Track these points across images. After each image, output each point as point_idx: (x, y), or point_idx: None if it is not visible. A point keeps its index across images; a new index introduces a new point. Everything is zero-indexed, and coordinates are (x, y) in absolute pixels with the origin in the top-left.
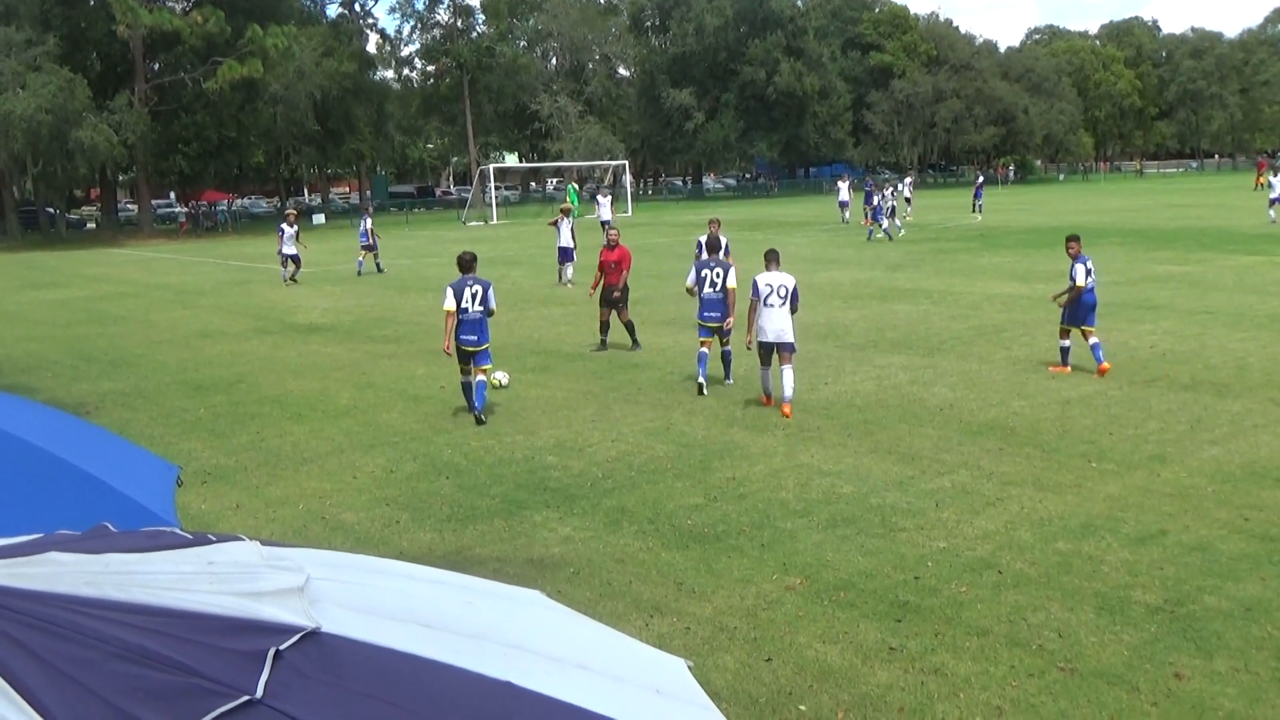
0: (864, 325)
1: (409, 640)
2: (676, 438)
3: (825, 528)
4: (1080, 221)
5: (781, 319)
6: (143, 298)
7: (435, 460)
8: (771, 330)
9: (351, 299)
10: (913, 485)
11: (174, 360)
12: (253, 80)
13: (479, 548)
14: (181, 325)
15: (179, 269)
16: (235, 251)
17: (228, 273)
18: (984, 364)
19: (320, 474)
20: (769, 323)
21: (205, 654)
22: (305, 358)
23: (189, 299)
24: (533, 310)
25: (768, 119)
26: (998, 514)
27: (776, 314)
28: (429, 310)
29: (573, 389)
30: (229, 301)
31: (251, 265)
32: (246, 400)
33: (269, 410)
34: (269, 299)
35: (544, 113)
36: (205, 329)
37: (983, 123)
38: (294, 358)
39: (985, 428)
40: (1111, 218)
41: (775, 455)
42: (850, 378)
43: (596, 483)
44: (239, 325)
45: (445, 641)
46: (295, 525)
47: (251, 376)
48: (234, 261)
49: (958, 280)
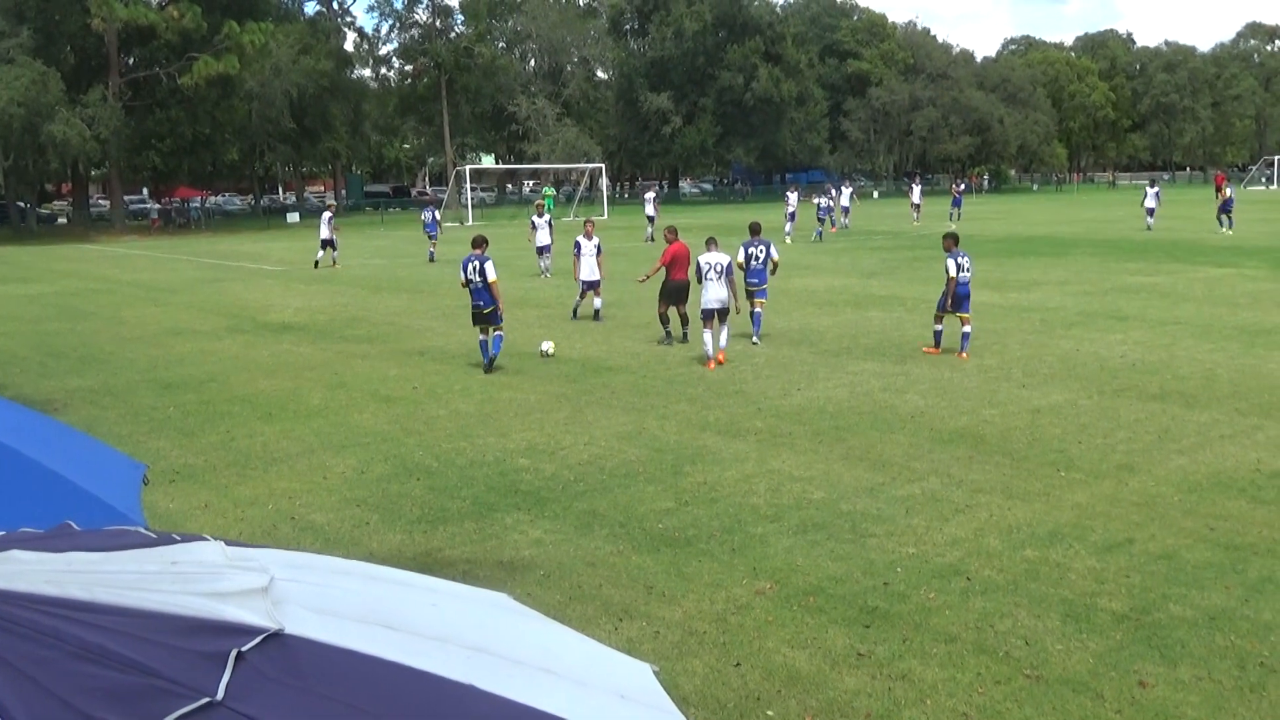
0: (837, 332)
1: (372, 642)
2: (649, 442)
3: (796, 533)
4: (1053, 231)
5: (719, 289)
6: (113, 294)
7: (406, 462)
8: (712, 299)
9: (325, 298)
10: (883, 492)
11: (144, 358)
12: (228, 77)
13: (449, 550)
14: (152, 322)
15: (151, 266)
16: (208, 249)
17: (200, 270)
18: (955, 372)
19: (290, 474)
20: (709, 292)
21: (166, 654)
22: (277, 357)
23: (160, 296)
24: (506, 312)
25: (745, 124)
26: (967, 521)
27: (715, 285)
28: (403, 310)
29: (546, 391)
30: (201, 299)
31: (224, 263)
32: (217, 399)
33: (239, 409)
34: (241, 297)
35: (521, 114)
36: (176, 327)
37: (958, 132)
38: (266, 357)
39: (956, 435)
40: (1084, 228)
41: (747, 460)
42: (823, 384)
43: (568, 486)
44: (210, 323)
45: (409, 644)
46: (264, 526)
47: (222, 375)
48: (207, 259)
49: (932, 288)
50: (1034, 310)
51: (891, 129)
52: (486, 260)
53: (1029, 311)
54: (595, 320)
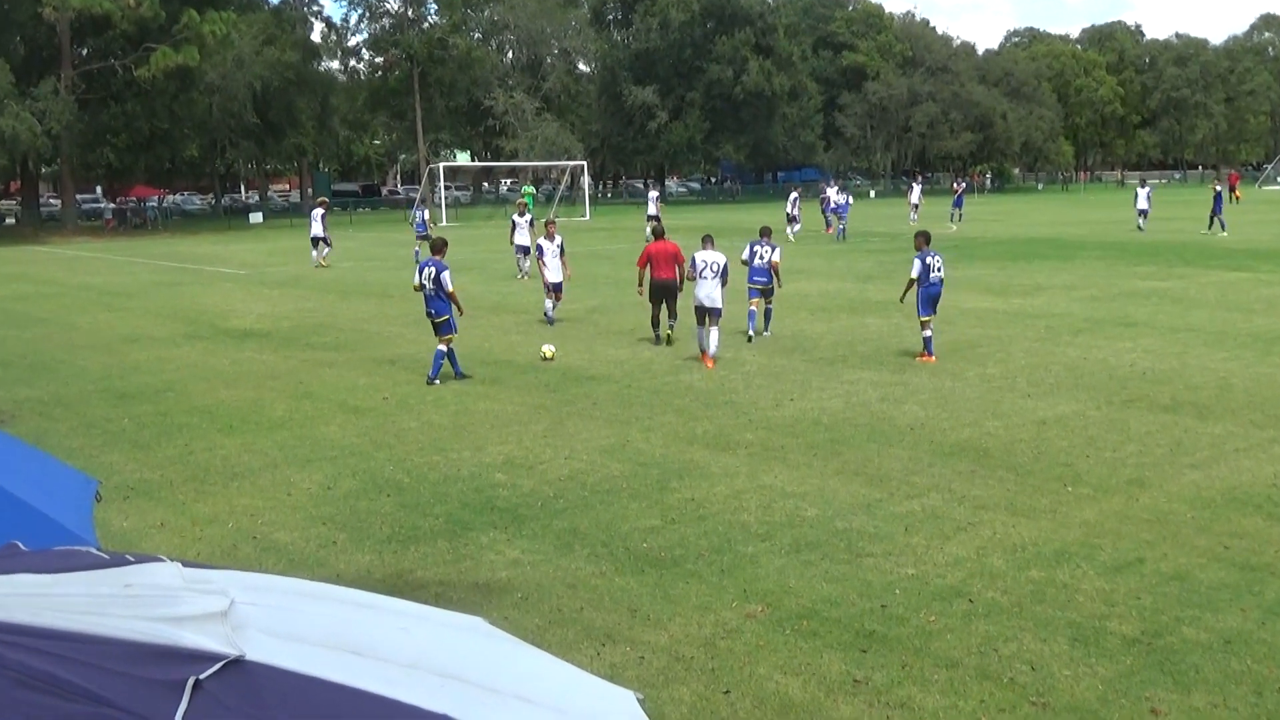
0: (832, 339)
1: (339, 669)
2: (633, 456)
3: (788, 552)
4: (1059, 233)
5: (713, 288)
6: (65, 299)
7: (376, 477)
8: (705, 298)
9: (290, 303)
10: (881, 508)
11: (97, 366)
12: (188, 69)
13: (421, 571)
14: (106, 329)
15: (104, 269)
16: (166, 251)
17: (157, 273)
18: (957, 381)
19: (252, 490)
20: (703, 291)
21: (120, 683)
22: (239, 365)
23: (115, 301)
24: (483, 318)
25: (735, 120)
26: (969, 540)
27: (709, 284)
28: (373, 316)
29: (524, 402)
30: (158, 304)
31: (183, 266)
32: (174, 410)
33: (198, 421)
34: (201, 302)
35: (498, 109)
36: (131, 333)
37: (959, 128)
38: (226, 365)
39: (957, 449)
40: (1091, 229)
41: (737, 475)
42: (817, 394)
43: (547, 502)
44: (168, 330)
45: (378, 671)
46: (224, 545)
47: (180, 385)
48: (164, 262)
49: None
50: (1039, 316)
51: (889, 125)
52: (445, 269)
53: (1034, 318)
54: (546, 323)
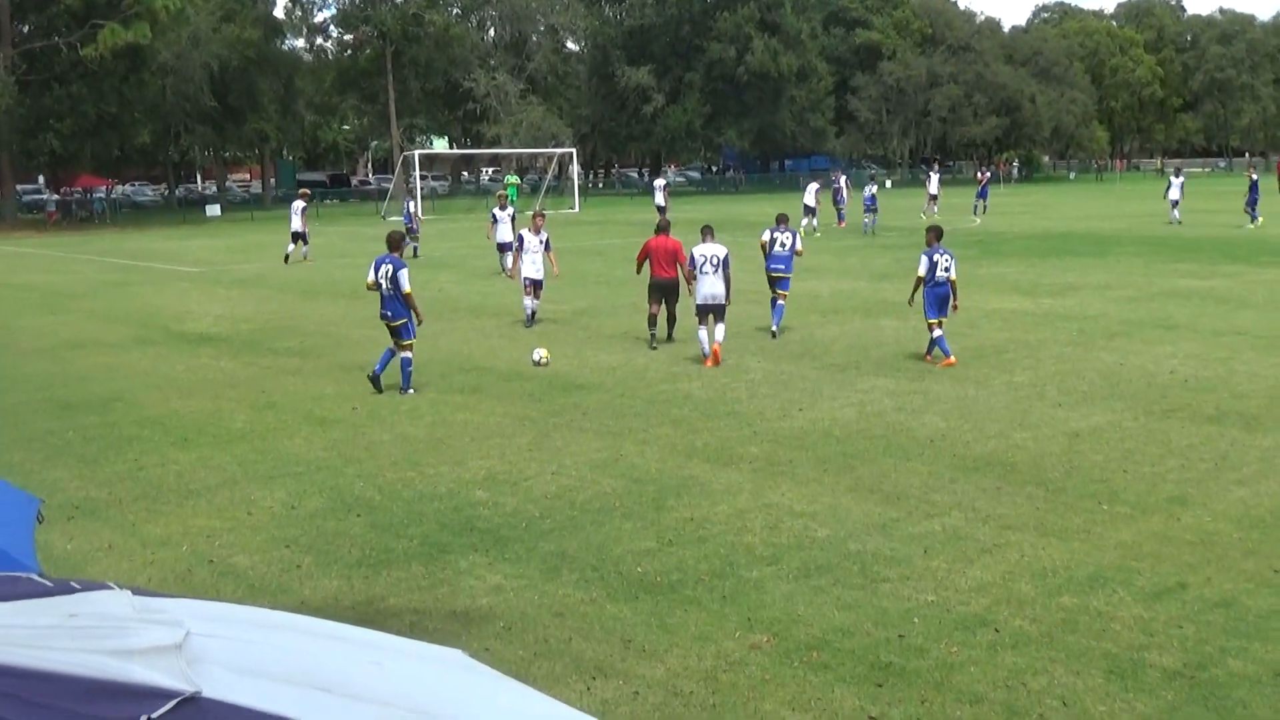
0: (845, 343)
1: (304, 707)
2: (626, 471)
3: (796, 577)
4: (1093, 227)
5: (714, 284)
6: (3, 300)
7: (345, 495)
8: (707, 294)
9: (250, 304)
10: (897, 529)
11: (39, 374)
12: (138, 47)
13: (394, 598)
14: (49, 333)
15: (47, 266)
16: (114, 247)
17: (105, 272)
18: (981, 389)
19: (209, 509)
20: (704, 287)
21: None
22: (194, 373)
23: (58, 302)
24: (462, 320)
25: (738, 103)
26: (994, 563)
27: (710, 280)
28: (341, 319)
29: (507, 413)
30: (105, 306)
31: (133, 263)
32: (124, 422)
33: (150, 434)
34: (153, 303)
35: (479, 92)
36: (77, 338)
37: (984, 112)
38: (181, 372)
39: (981, 463)
40: (1127, 223)
41: (740, 493)
42: (828, 404)
43: (533, 523)
44: (117, 334)
45: (347, 709)
46: (178, 570)
47: (130, 394)
48: (112, 259)
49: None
50: (1071, 318)
51: (906, 109)
52: (402, 267)
53: (1065, 320)
54: (528, 324)
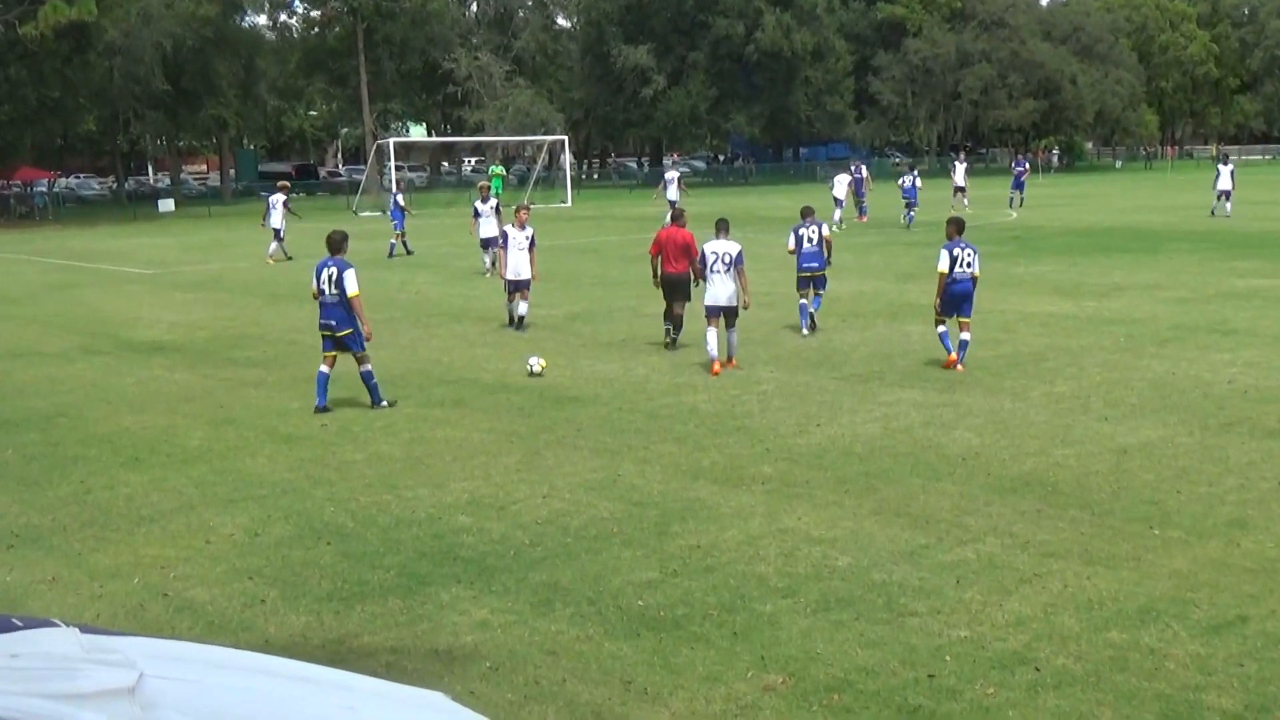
0: (866, 351)
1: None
2: (626, 493)
3: (815, 611)
4: (1141, 221)
5: (725, 285)
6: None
7: (313, 520)
8: (716, 295)
9: (207, 309)
10: (927, 557)
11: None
12: (83, 26)
13: (368, 635)
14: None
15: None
16: (57, 246)
17: (47, 273)
18: (1018, 401)
19: (163, 537)
20: (715, 288)
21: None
22: (146, 385)
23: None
24: (442, 326)
25: (747, 85)
26: (1035, 594)
27: (721, 280)
28: (307, 325)
29: (493, 429)
30: (48, 311)
31: (78, 264)
32: (68, 440)
33: (97, 453)
34: (100, 308)
35: (460, 73)
36: (16, 346)
37: (1020, 94)
38: (131, 385)
39: (1019, 483)
40: (1180, 216)
41: (752, 517)
42: (849, 418)
43: (522, 551)
44: (60, 342)
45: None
46: (129, 605)
47: (75, 409)
48: (55, 259)
49: (986, 294)
50: (1117, 322)
51: (934, 91)
52: (348, 268)
53: (1111, 324)
54: (518, 329)
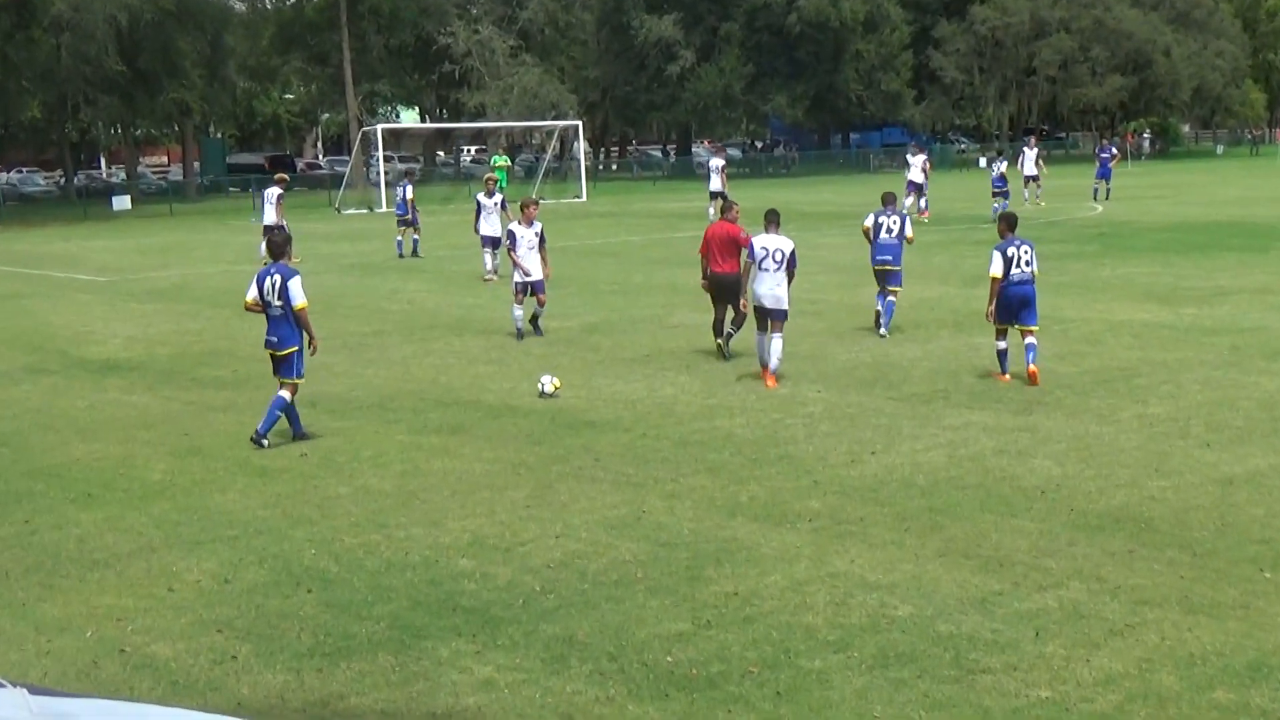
0: (929, 367)
1: None
2: (652, 532)
3: (871, 668)
4: (1247, 215)
5: (775, 284)
6: None
7: (292, 565)
8: (765, 295)
9: (169, 321)
10: (1001, 605)
11: None
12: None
13: (355, 696)
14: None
15: None
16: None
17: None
18: (1106, 425)
19: (119, 584)
20: (763, 287)
21: None
22: (99, 410)
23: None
24: (438, 341)
25: (788, 61)
26: (1127, 648)
27: (771, 278)
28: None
29: (498, 459)
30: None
31: (20, 270)
32: (10, 473)
33: (44, 488)
34: (46, 321)
35: (458, 50)
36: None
37: (1105, 69)
38: (82, 409)
39: (1108, 520)
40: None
41: (798, 559)
42: (909, 444)
43: (532, 599)
44: (2, 360)
45: None
46: (81, 662)
47: (18, 437)
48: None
49: (1068, 300)
50: (1220, 332)
51: (1005, 67)
52: (293, 275)
53: (1213, 335)
54: (535, 333)
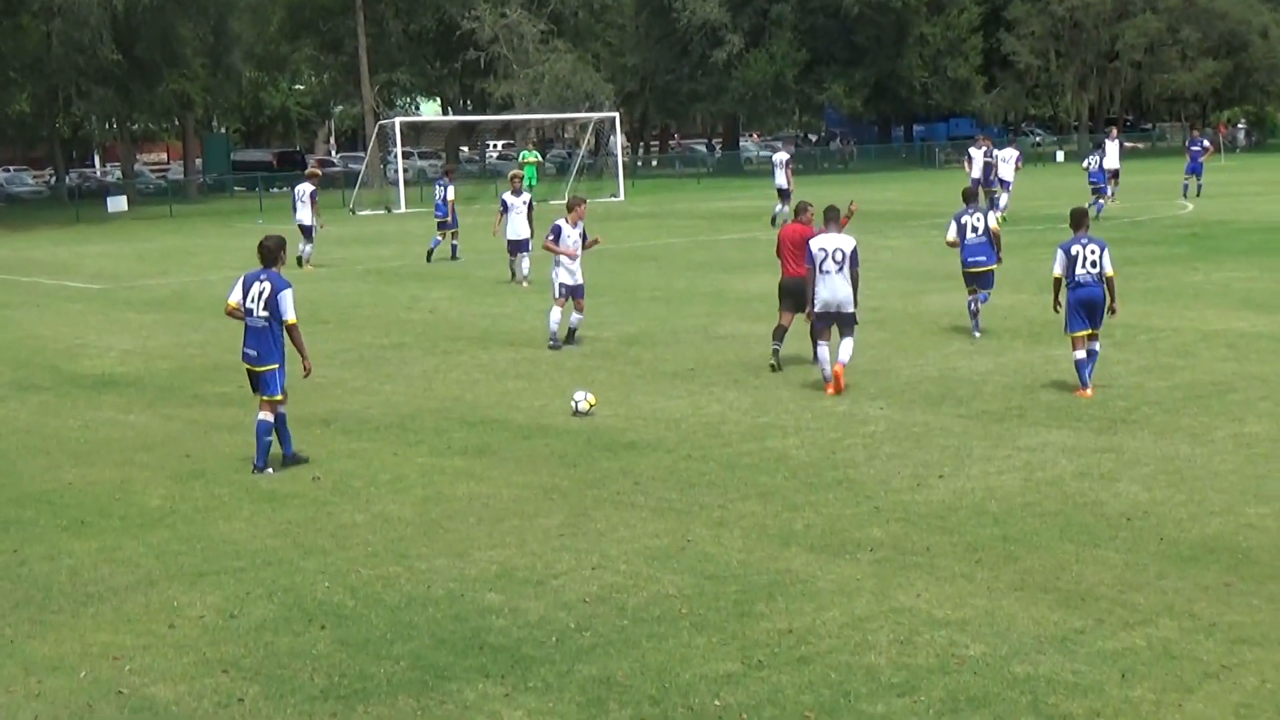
0: (1002, 381)
1: None
2: (697, 564)
3: (940, 713)
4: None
5: (839, 286)
6: None
7: (304, 599)
8: (829, 299)
9: (169, 333)
10: (1083, 644)
11: None
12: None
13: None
14: None
15: None
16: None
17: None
18: (1199, 445)
19: (116, 620)
20: (825, 290)
21: None
22: (93, 430)
23: None
24: (463, 354)
25: (845, 47)
26: (1223, 692)
27: (833, 280)
28: (293, 353)
29: (529, 483)
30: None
31: (8, 278)
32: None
33: (33, 515)
34: (35, 333)
35: (484, 36)
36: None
37: (1195, 53)
38: (75, 430)
39: (1202, 550)
40: None
41: (858, 593)
42: (980, 467)
43: (566, 637)
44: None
45: None
46: (74, 704)
47: (5, 461)
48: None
49: (1156, 308)
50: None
51: (1084, 51)
52: (285, 287)
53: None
54: (569, 342)
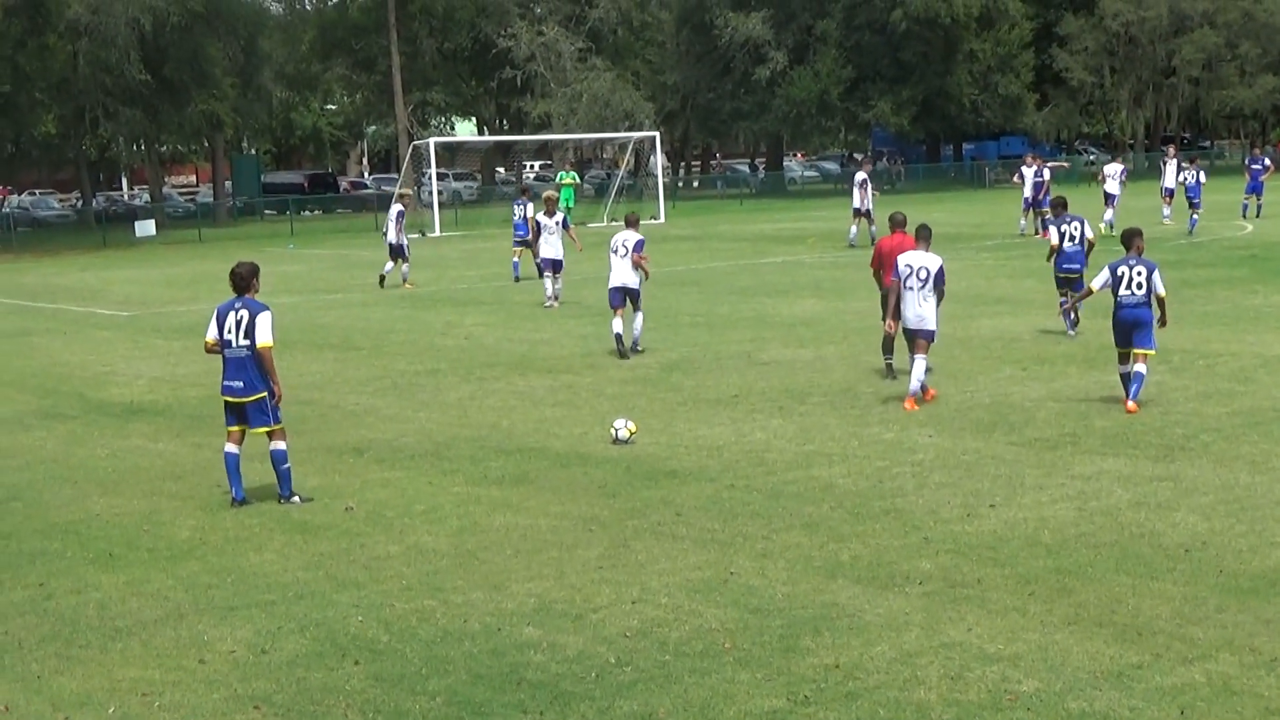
0: (1055, 408)
1: None
2: (741, 597)
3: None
4: None
5: (921, 304)
6: None
7: (337, 633)
8: (910, 316)
9: (198, 360)
10: (1140, 680)
11: None
12: (39, 2)
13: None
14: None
15: None
16: (8, 282)
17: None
18: (1260, 474)
19: (144, 654)
20: (907, 308)
21: None
22: (122, 459)
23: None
24: (500, 380)
25: (892, 64)
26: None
27: (915, 298)
28: (329, 380)
29: (567, 514)
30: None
31: (34, 305)
32: (23, 531)
33: (60, 547)
34: (63, 360)
35: (520, 53)
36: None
37: (1255, 68)
38: (103, 459)
39: (1263, 582)
40: None
41: (908, 627)
42: (1033, 496)
43: (606, 672)
44: (13, 404)
45: None
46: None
47: (32, 490)
48: (6, 299)
49: (1215, 331)
50: None
51: (1140, 67)
52: (262, 311)
53: None
54: (634, 351)
